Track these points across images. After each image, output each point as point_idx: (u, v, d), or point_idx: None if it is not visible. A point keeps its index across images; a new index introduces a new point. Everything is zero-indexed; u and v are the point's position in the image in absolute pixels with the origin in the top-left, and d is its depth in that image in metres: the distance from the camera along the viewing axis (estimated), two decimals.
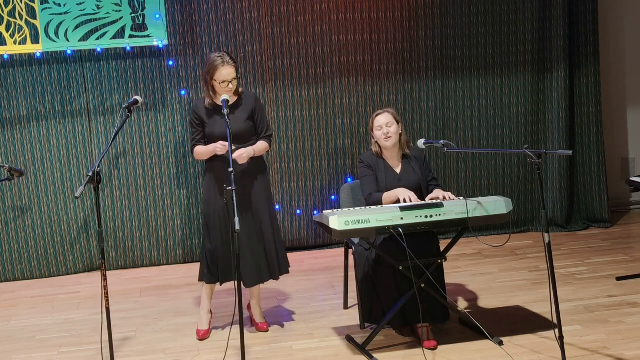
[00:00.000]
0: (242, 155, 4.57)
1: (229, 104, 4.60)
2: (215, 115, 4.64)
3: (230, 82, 4.59)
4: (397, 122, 4.72)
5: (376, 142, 4.75)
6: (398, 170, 4.74)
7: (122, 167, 6.24)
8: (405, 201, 4.45)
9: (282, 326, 4.91)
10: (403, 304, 4.43)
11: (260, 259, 4.73)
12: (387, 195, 4.61)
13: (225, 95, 4.54)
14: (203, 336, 4.77)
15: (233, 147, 4.47)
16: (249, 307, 4.95)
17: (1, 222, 6.12)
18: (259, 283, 4.79)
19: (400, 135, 4.75)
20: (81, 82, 6.09)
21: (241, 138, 4.61)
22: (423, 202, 4.52)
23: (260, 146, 4.73)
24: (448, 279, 5.23)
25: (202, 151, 4.70)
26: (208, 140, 4.70)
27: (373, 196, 4.66)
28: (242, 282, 4.65)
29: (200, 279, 4.82)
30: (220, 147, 4.55)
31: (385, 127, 4.68)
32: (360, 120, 6.53)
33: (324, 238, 6.58)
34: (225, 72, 4.58)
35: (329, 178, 6.56)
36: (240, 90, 4.74)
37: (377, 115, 4.73)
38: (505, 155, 6.79)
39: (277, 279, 4.83)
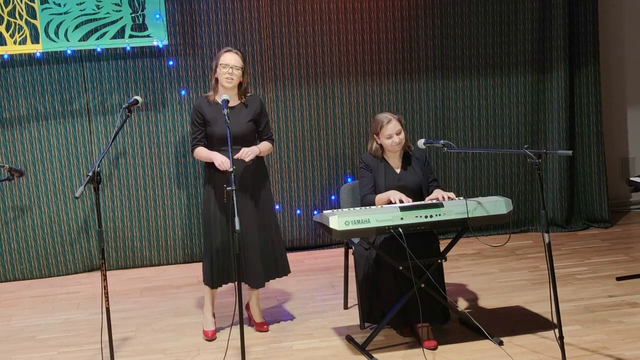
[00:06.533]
0: (248, 153, 4.57)
1: (232, 104, 4.62)
2: (217, 114, 4.63)
3: (232, 67, 4.59)
4: (403, 127, 4.70)
5: (379, 145, 4.73)
6: (398, 170, 4.74)
7: (122, 167, 6.24)
8: (397, 202, 4.44)
9: (282, 326, 4.91)
10: (403, 304, 4.43)
11: (265, 260, 4.73)
12: (379, 198, 4.60)
13: (225, 95, 4.53)
14: (212, 336, 4.75)
15: (236, 147, 4.50)
16: (247, 307, 4.94)
17: (1, 222, 6.12)
18: (263, 284, 4.79)
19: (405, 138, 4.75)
20: (81, 82, 6.09)
21: (242, 139, 4.61)
22: (423, 202, 4.52)
23: (265, 146, 4.76)
24: (448, 279, 5.23)
25: (204, 155, 4.68)
26: (209, 140, 4.69)
27: (366, 198, 4.67)
28: (243, 283, 4.67)
29: (205, 283, 4.80)
30: (220, 163, 4.52)
31: (395, 135, 4.65)
32: (360, 120, 6.53)
33: (324, 238, 6.58)
34: (229, 56, 4.61)
35: (329, 178, 6.56)
36: (248, 93, 4.75)
37: (386, 123, 4.64)
38: (505, 155, 6.79)
39: (272, 278, 4.84)
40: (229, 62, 4.60)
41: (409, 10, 6.50)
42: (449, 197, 4.50)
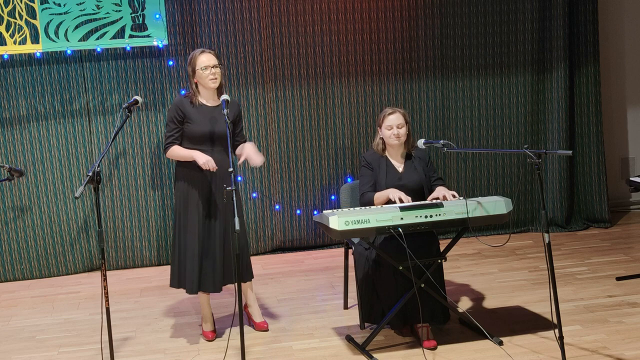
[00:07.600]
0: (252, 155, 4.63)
1: (214, 104, 4.63)
2: (199, 114, 4.61)
3: (212, 67, 4.58)
4: (407, 123, 4.73)
5: (381, 138, 4.75)
6: (400, 169, 4.74)
7: (122, 167, 6.24)
8: (397, 201, 4.44)
9: (282, 326, 4.91)
10: (403, 304, 4.43)
11: (227, 264, 4.67)
12: (378, 195, 4.61)
13: (225, 95, 4.53)
14: (212, 337, 4.74)
15: (217, 148, 4.55)
16: (245, 307, 4.93)
17: (1, 222, 6.12)
18: (220, 289, 4.72)
19: (408, 135, 4.76)
20: (81, 82, 6.09)
21: (224, 139, 4.59)
22: (423, 202, 4.52)
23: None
24: (448, 279, 5.23)
25: (181, 154, 4.61)
26: (187, 140, 4.63)
27: (365, 195, 4.68)
28: (214, 287, 4.66)
29: (190, 292, 4.72)
30: (204, 162, 4.48)
31: (395, 127, 4.67)
32: (360, 120, 6.53)
33: (324, 238, 6.58)
34: (205, 58, 4.59)
35: (329, 178, 6.56)
36: (228, 98, 4.74)
37: (389, 114, 4.69)
38: (505, 155, 6.80)
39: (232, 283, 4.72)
40: (209, 63, 4.58)
41: (409, 10, 6.50)
42: (452, 195, 4.50)
